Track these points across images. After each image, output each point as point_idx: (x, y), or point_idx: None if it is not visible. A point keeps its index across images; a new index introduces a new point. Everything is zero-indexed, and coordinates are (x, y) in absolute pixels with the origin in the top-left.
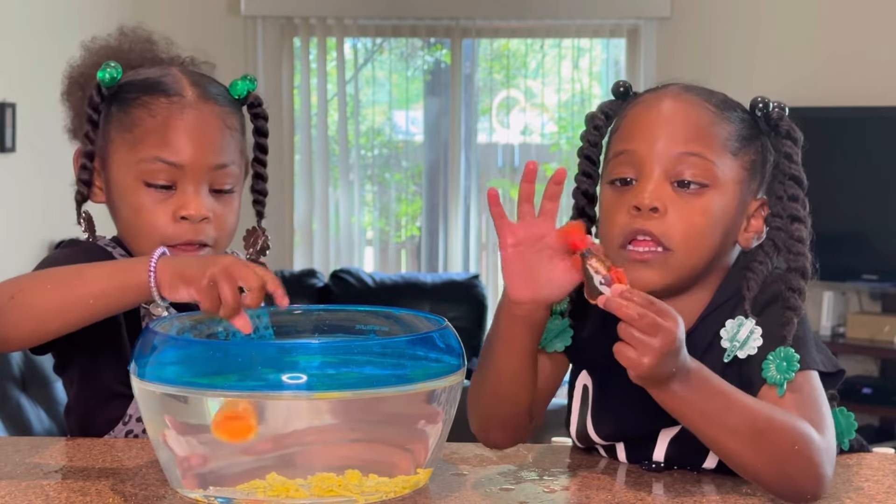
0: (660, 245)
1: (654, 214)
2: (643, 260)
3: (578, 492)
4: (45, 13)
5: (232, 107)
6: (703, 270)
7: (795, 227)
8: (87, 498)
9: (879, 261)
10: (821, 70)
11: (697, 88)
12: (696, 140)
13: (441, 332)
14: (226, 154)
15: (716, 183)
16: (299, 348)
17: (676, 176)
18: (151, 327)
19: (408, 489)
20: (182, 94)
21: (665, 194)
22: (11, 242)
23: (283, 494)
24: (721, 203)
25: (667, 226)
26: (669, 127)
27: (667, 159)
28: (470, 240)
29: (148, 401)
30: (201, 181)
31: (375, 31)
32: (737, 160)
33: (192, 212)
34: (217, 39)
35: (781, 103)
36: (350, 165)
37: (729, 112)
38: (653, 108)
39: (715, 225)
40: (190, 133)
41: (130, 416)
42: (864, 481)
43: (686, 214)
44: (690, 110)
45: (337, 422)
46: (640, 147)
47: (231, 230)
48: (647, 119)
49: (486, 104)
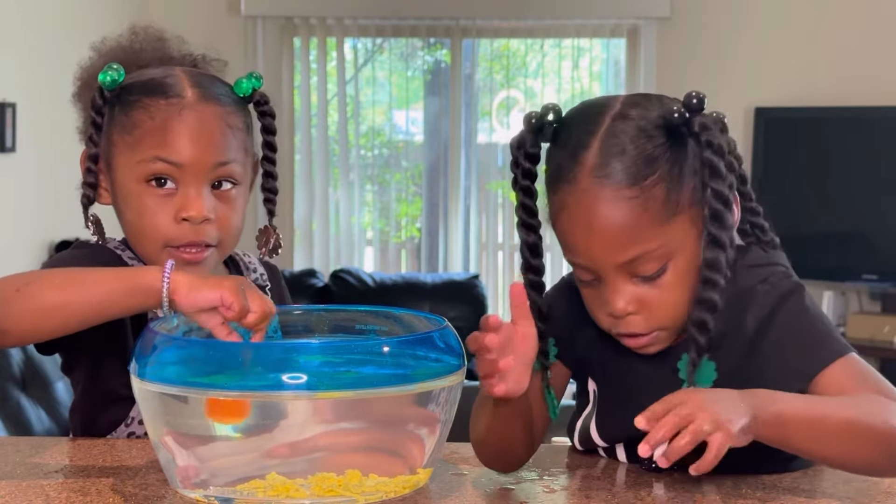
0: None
1: (632, 315)
2: (642, 347)
3: (578, 492)
4: (46, 13)
5: (235, 106)
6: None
7: (710, 249)
8: (87, 498)
9: (879, 261)
10: (820, 70)
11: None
12: (634, 243)
13: (441, 332)
14: (227, 152)
15: (672, 257)
16: (299, 348)
17: (634, 274)
18: (151, 327)
19: (408, 489)
20: (181, 94)
21: (634, 294)
22: (12, 242)
23: (283, 494)
24: (687, 263)
25: (649, 317)
26: (603, 242)
27: (617, 269)
28: (470, 240)
29: (148, 401)
30: (202, 181)
31: (375, 31)
32: (679, 215)
33: (192, 213)
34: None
35: (699, 95)
36: (350, 165)
37: (649, 176)
38: (579, 219)
39: (690, 285)
40: (189, 133)
41: (133, 418)
42: (864, 481)
43: (661, 300)
44: (613, 213)
45: (337, 422)
46: (587, 262)
47: (236, 230)
48: (580, 235)
49: (486, 104)
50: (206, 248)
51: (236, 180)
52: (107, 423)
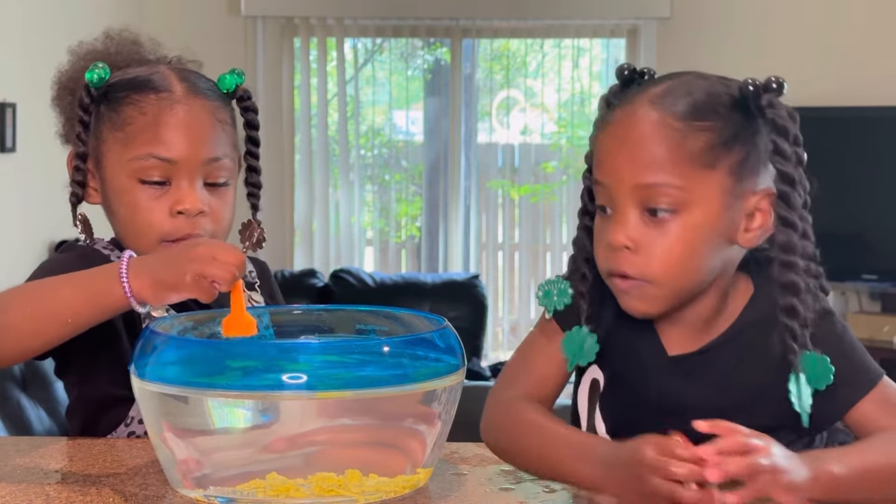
0: (638, 279)
1: (626, 252)
2: (627, 291)
3: (578, 492)
4: (45, 13)
5: (221, 101)
6: (700, 285)
7: (780, 231)
8: (87, 498)
9: (879, 261)
10: (820, 70)
11: (672, 95)
12: (660, 169)
13: (441, 332)
14: (218, 147)
15: (689, 206)
16: (300, 348)
17: (646, 205)
18: (152, 327)
19: (408, 489)
20: (171, 89)
21: (636, 229)
22: (12, 242)
23: (283, 494)
24: (700, 222)
25: (640, 262)
26: (632, 157)
27: (633, 191)
28: (470, 240)
29: (148, 401)
30: (195, 175)
31: (375, 31)
32: (716, 171)
33: (188, 206)
34: (217, 39)
35: (779, 80)
36: (350, 165)
37: (702, 121)
38: (618, 133)
39: (695, 247)
40: (181, 128)
41: (132, 417)
42: None
43: (660, 246)
44: (653, 134)
45: (337, 421)
46: (608, 179)
47: (227, 223)
48: (613, 147)
49: (486, 104)
50: None
51: (227, 175)
52: (106, 423)
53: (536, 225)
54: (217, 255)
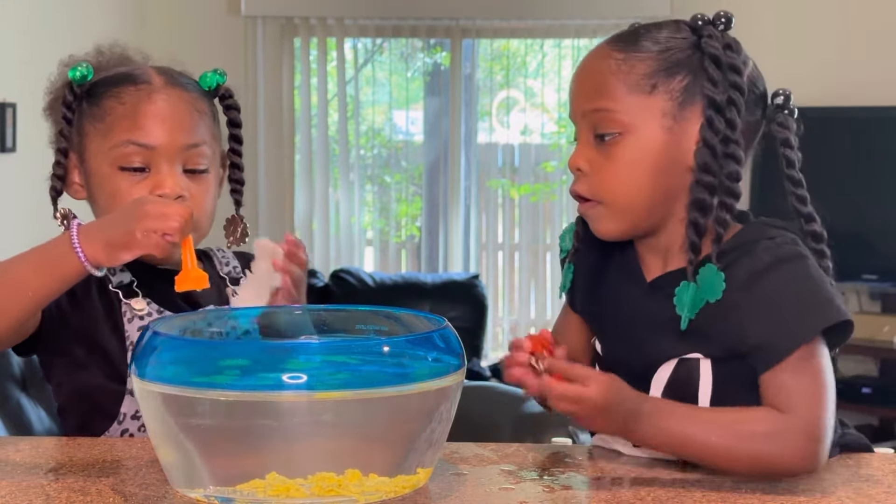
0: (592, 201)
1: (581, 174)
2: (586, 213)
3: (578, 492)
4: (46, 13)
5: (201, 94)
6: (661, 206)
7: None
8: (87, 498)
9: (879, 261)
10: (820, 70)
11: (625, 34)
12: (598, 95)
13: (441, 332)
14: (196, 134)
15: (631, 129)
16: (299, 348)
17: (595, 131)
18: (153, 327)
19: (408, 489)
20: (149, 81)
21: (588, 153)
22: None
23: (284, 494)
24: (645, 144)
25: (591, 183)
26: (581, 87)
27: (584, 117)
28: (470, 240)
29: (148, 400)
30: (174, 161)
31: (375, 31)
32: (654, 96)
33: (167, 190)
34: (217, 39)
35: (727, 15)
36: (350, 165)
37: (642, 51)
38: (577, 69)
39: (640, 168)
40: (159, 115)
41: (124, 414)
42: (864, 481)
43: (607, 168)
44: (595, 65)
45: (337, 421)
46: (571, 110)
47: (208, 211)
48: (573, 82)
49: (485, 104)
50: None
51: (206, 163)
52: (98, 422)
53: (536, 225)
54: (164, 210)
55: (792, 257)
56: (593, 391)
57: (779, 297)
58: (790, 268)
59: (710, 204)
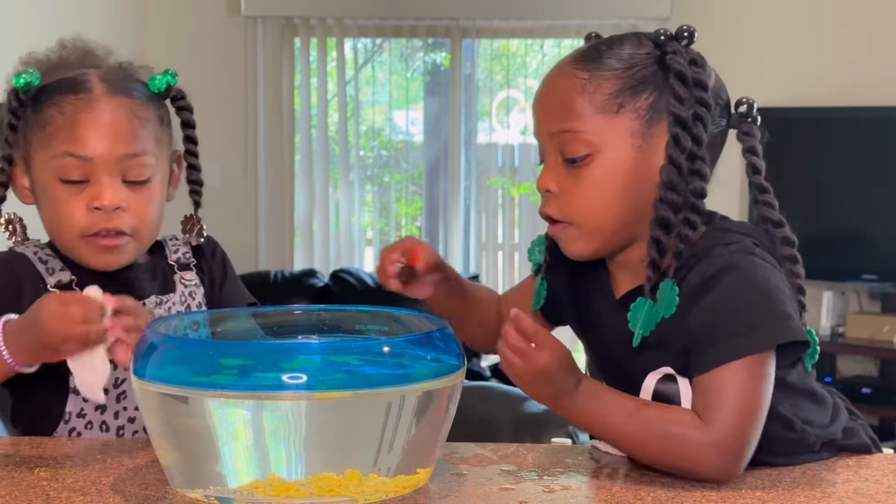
0: (563, 222)
1: (550, 196)
2: (556, 235)
3: (578, 492)
4: (46, 13)
5: (146, 99)
6: (631, 224)
7: (665, 170)
8: (87, 497)
9: (879, 261)
10: (820, 70)
11: (588, 51)
12: (565, 116)
13: (441, 331)
14: (136, 144)
15: (600, 150)
16: (299, 348)
17: (562, 153)
18: (152, 326)
19: (407, 489)
20: (90, 89)
21: (557, 174)
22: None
23: (283, 494)
24: (614, 164)
25: (560, 205)
26: (546, 107)
27: (551, 139)
28: (470, 240)
29: (148, 400)
30: (113, 173)
31: (375, 31)
32: (621, 115)
33: (104, 202)
34: (217, 40)
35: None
36: (350, 165)
37: (607, 70)
38: (541, 88)
39: (609, 189)
40: (96, 126)
41: (70, 413)
42: (864, 481)
43: (576, 189)
44: (559, 85)
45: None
46: (536, 131)
47: (151, 220)
48: (536, 102)
49: (485, 104)
50: (120, 236)
51: (148, 172)
52: (46, 424)
53: (536, 225)
54: (66, 314)
55: (742, 265)
56: (544, 355)
57: (723, 304)
58: (739, 275)
59: (674, 222)
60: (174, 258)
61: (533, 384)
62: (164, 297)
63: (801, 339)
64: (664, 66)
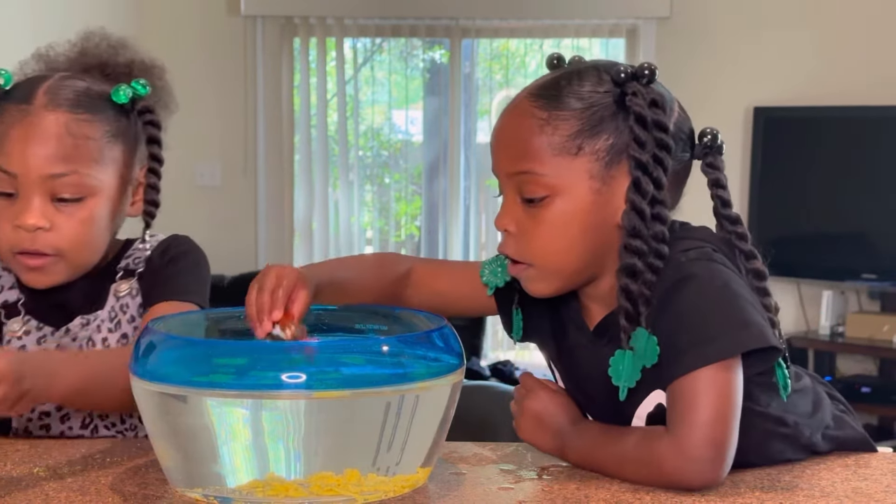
0: (522, 262)
1: (509, 235)
2: (518, 276)
3: (577, 491)
4: (46, 12)
5: (97, 113)
6: (592, 264)
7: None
8: (86, 497)
9: (879, 260)
10: (820, 69)
11: (543, 86)
12: (523, 157)
13: (440, 331)
14: (66, 163)
15: (558, 192)
16: (298, 348)
17: (522, 195)
18: (151, 326)
19: (407, 488)
20: (31, 101)
21: (515, 213)
22: None
23: (282, 494)
24: (571, 207)
25: (519, 245)
26: (505, 146)
27: (509, 178)
28: (469, 239)
29: (147, 400)
30: (37, 190)
31: (375, 31)
32: (580, 158)
33: (23, 221)
34: (217, 39)
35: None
36: (349, 165)
37: (565, 110)
38: (499, 123)
39: (567, 231)
40: (24, 141)
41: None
42: (863, 480)
43: (535, 230)
44: (517, 123)
45: (336, 421)
46: (494, 167)
47: (82, 240)
48: (494, 138)
49: (485, 104)
50: (43, 256)
51: (81, 191)
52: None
53: None
54: None
55: (701, 273)
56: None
57: (685, 314)
58: (698, 284)
59: (640, 269)
60: (123, 264)
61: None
62: (92, 317)
63: (766, 346)
64: (623, 106)
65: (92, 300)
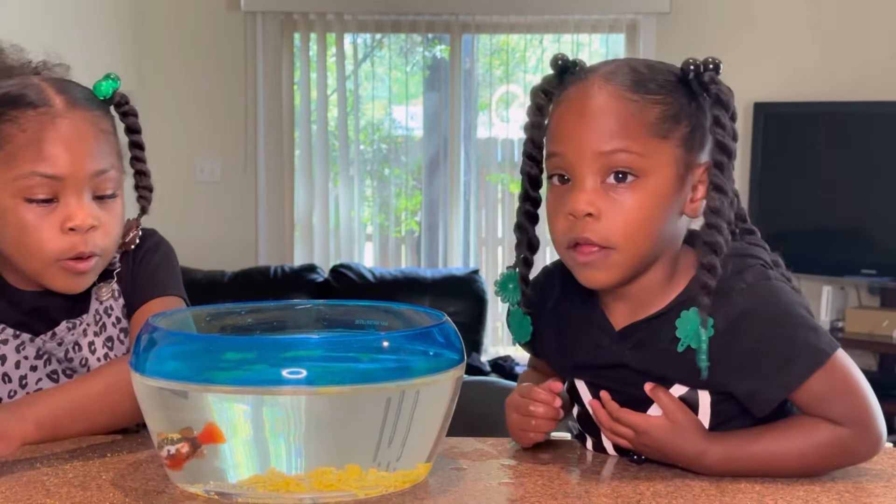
0: (601, 246)
1: (589, 219)
2: (588, 263)
3: (577, 487)
4: (46, 12)
5: (100, 109)
6: (656, 253)
7: (712, 197)
8: (87, 493)
9: (878, 255)
10: (820, 65)
11: (623, 73)
12: (619, 135)
13: (441, 326)
14: (103, 159)
15: (647, 172)
16: (299, 343)
17: (606, 174)
18: (151, 322)
19: (407, 484)
20: (50, 103)
21: (598, 196)
22: None
23: (283, 489)
24: (657, 189)
25: (604, 228)
26: (592, 126)
27: (594, 159)
28: (470, 235)
29: (148, 396)
30: (83, 190)
31: (375, 26)
32: (668, 141)
33: (78, 222)
34: (217, 35)
35: (715, 60)
36: (350, 160)
37: (654, 94)
38: (575, 106)
39: (653, 213)
40: (64, 143)
41: None
42: (863, 475)
43: (621, 212)
44: (611, 105)
45: (337, 416)
46: (567, 150)
47: (117, 237)
48: (571, 120)
49: (485, 99)
50: (91, 259)
51: (114, 186)
52: None
53: None
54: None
55: (766, 299)
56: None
57: (760, 349)
58: (767, 314)
59: (722, 245)
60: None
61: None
62: (78, 321)
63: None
64: (692, 95)
65: (73, 303)
